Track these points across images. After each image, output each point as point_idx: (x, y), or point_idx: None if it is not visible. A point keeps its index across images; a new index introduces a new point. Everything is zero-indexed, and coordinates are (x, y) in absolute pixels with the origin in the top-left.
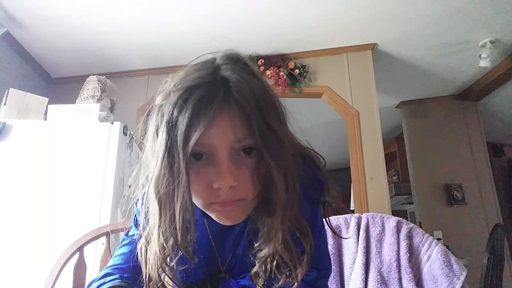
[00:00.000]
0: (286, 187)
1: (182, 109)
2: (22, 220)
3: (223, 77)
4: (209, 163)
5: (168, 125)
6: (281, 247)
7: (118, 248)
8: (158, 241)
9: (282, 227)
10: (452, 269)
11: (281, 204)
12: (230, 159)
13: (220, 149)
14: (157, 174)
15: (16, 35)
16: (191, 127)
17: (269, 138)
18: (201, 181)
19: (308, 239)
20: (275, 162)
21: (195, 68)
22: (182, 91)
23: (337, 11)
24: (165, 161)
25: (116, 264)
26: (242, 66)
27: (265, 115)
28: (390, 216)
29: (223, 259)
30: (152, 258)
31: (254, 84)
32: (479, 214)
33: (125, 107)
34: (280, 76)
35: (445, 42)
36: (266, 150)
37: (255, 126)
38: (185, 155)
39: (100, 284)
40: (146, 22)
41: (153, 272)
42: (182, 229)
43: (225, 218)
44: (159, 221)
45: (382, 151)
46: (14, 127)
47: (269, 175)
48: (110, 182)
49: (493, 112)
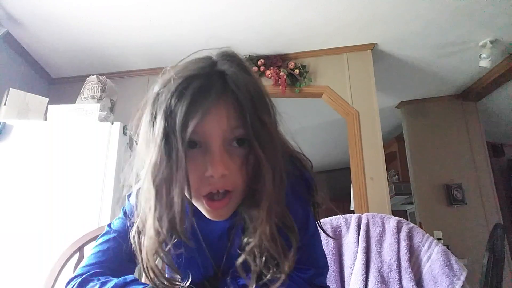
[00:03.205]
0: (273, 178)
1: (181, 97)
2: (22, 220)
3: (220, 70)
4: (202, 152)
5: (166, 113)
6: (268, 240)
7: (99, 244)
8: (153, 226)
9: (267, 219)
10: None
11: (268, 195)
12: (223, 148)
13: (214, 137)
14: (154, 160)
15: (16, 35)
16: (189, 115)
17: (260, 130)
18: (194, 169)
19: (295, 234)
20: (264, 153)
21: (193, 61)
22: (181, 80)
23: (337, 11)
24: (163, 147)
25: (101, 262)
26: (238, 63)
27: (257, 109)
28: (390, 216)
29: (217, 261)
30: (147, 244)
31: (248, 79)
32: (479, 214)
33: (125, 107)
34: (280, 76)
35: (445, 42)
36: (257, 141)
37: (248, 118)
38: (183, 141)
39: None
40: (146, 22)
41: (147, 259)
42: (180, 215)
43: (215, 216)
44: (154, 207)
45: (382, 151)
46: (14, 127)
47: (257, 167)
48: (110, 182)
49: (493, 112)
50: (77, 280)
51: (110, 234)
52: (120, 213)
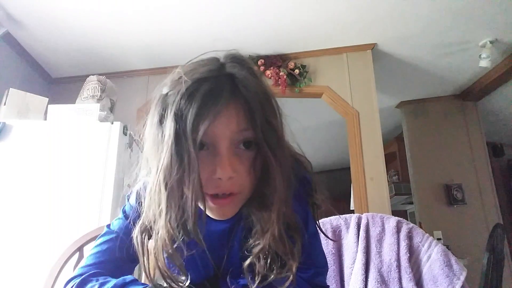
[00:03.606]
0: (283, 180)
1: (191, 99)
2: (22, 220)
3: (229, 73)
4: (210, 154)
5: (176, 115)
6: (275, 242)
7: (98, 245)
8: (165, 228)
9: (277, 220)
10: (452, 269)
11: (278, 197)
12: (232, 151)
13: (223, 140)
14: (166, 162)
15: (16, 35)
16: (200, 117)
17: (269, 133)
18: (202, 171)
19: (300, 234)
20: (274, 155)
21: (201, 63)
22: (191, 83)
23: (337, 11)
24: (174, 150)
25: (100, 262)
26: (246, 66)
27: (266, 112)
28: (390, 216)
29: (217, 262)
30: (158, 245)
31: (256, 83)
32: (479, 214)
33: (125, 107)
34: (280, 76)
35: (445, 42)
36: (266, 144)
37: (258, 120)
38: (195, 143)
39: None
40: (146, 22)
41: (157, 259)
42: (194, 216)
43: (219, 214)
44: (166, 208)
45: (382, 151)
46: (14, 127)
47: (265, 170)
48: (110, 182)
49: (493, 112)
50: (76, 281)
51: (109, 235)
52: (120, 213)
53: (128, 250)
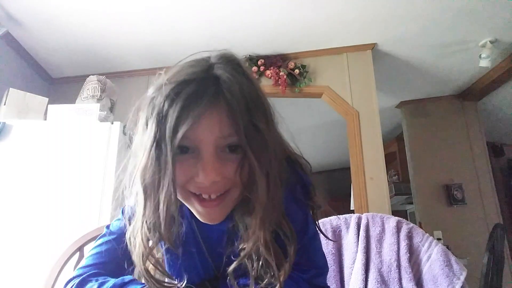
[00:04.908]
0: (267, 186)
1: (173, 102)
2: (22, 220)
3: (215, 75)
4: (194, 157)
5: (158, 117)
6: (263, 247)
7: (98, 245)
8: (141, 230)
9: (261, 226)
10: (452, 269)
11: (261, 203)
12: (215, 155)
13: (206, 144)
14: (143, 163)
15: (16, 35)
16: (180, 120)
17: (254, 138)
18: (184, 173)
19: (292, 241)
20: (258, 161)
21: (189, 64)
22: (175, 85)
23: (337, 11)
24: (153, 152)
25: (99, 263)
26: (235, 66)
27: (252, 115)
28: (390, 216)
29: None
30: (137, 248)
31: (244, 84)
32: (479, 214)
33: (125, 107)
34: (280, 76)
35: (445, 42)
36: (250, 149)
37: (241, 125)
38: (172, 147)
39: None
40: (146, 22)
41: (138, 261)
42: (166, 220)
43: (207, 219)
44: (143, 210)
45: (382, 151)
46: (14, 127)
47: (251, 174)
48: (110, 182)
49: (493, 112)
50: (76, 281)
51: (108, 236)
52: (119, 214)
53: (125, 251)
